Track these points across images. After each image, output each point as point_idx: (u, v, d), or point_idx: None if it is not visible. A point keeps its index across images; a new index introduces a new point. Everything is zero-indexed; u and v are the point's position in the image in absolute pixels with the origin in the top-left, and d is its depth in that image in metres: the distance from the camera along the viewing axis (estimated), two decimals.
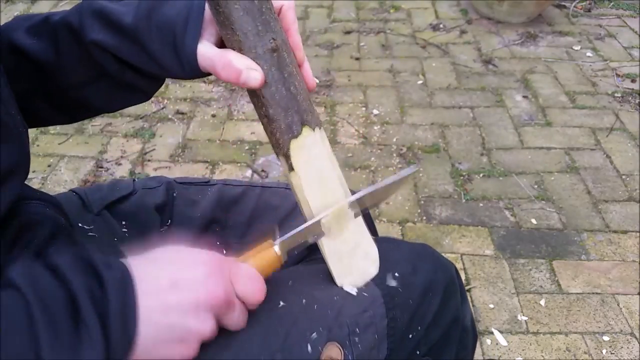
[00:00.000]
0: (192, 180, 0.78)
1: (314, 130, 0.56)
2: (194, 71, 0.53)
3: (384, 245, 0.64)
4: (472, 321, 0.75)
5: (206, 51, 0.51)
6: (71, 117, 0.66)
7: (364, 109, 2.16)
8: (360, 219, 0.61)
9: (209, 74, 0.54)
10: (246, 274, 0.50)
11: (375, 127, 2.06)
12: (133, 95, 0.62)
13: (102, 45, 0.54)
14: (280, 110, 0.54)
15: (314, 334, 0.56)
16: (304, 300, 0.59)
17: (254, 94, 0.54)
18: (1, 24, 0.62)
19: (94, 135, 2.03)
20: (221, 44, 0.53)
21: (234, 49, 0.51)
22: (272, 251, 0.55)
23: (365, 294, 0.61)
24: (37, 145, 1.97)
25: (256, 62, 0.51)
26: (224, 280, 0.48)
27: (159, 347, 0.44)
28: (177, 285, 0.45)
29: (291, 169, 0.56)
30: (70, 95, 0.61)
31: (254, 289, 0.50)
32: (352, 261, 0.61)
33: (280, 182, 0.82)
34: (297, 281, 0.62)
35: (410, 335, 0.61)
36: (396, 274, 0.63)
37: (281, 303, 0.58)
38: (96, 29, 0.54)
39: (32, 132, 2.03)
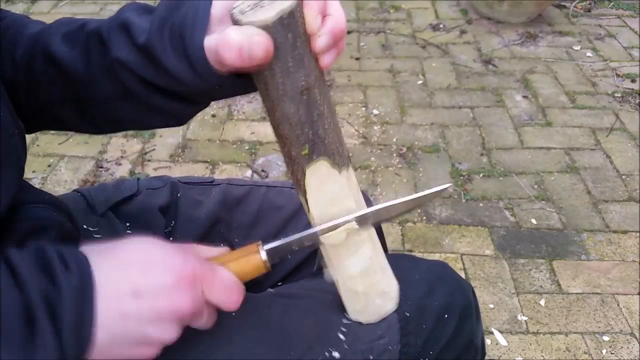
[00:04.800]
0: (196, 180, 0.77)
1: (340, 172, 0.52)
2: (207, 72, 0.49)
3: (402, 263, 0.63)
4: (483, 339, 0.74)
5: (210, 42, 0.47)
6: (99, 129, 0.63)
7: (364, 109, 2.16)
8: (380, 249, 0.58)
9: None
10: (222, 282, 0.48)
11: (375, 127, 2.06)
12: (162, 118, 0.58)
13: (124, 65, 0.52)
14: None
15: None
16: (319, 325, 0.58)
17: (278, 133, 0.49)
18: (44, 25, 0.60)
19: (94, 135, 2.02)
20: None
21: (258, 84, 0.47)
22: (257, 257, 0.51)
23: (382, 319, 0.60)
24: (37, 145, 1.97)
25: (280, 103, 0.47)
26: (192, 290, 0.45)
27: (115, 350, 0.43)
28: (139, 293, 0.43)
29: (309, 211, 0.53)
30: (100, 108, 0.58)
31: (228, 300, 0.48)
32: (368, 300, 0.58)
33: (285, 181, 0.81)
34: (316, 301, 0.62)
35: None
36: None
37: (296, 323, 0.58)
38: (121, 45, 0.52)
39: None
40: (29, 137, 2.06)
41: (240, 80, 0.51)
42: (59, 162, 1.90)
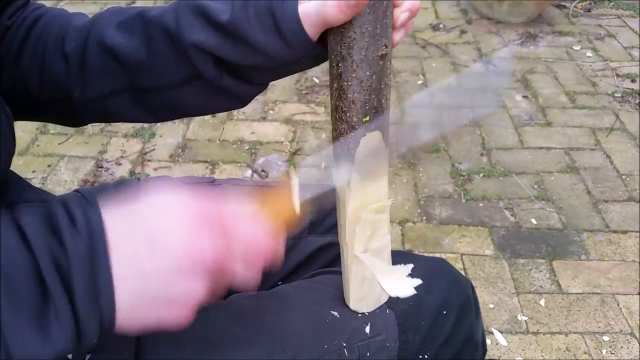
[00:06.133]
0: (197, 180, 0.76)
1: (386, 148, 0.54)
2: (301, 41, 0.50)
3: (399, 260, 0.62)
4: (483, 335, 0.74)
5: (306, 8, 0.49)
6: (156, 117, 0.63)
7: None
8: (389, 243, 0.59)
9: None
10: (248, 225, 0.42)
11: None
12: (226, 101, 0.59)
13: (202, 47, 0.52)
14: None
15: (323, 358, 0.55)
16: (314, 321, 0.58)
17: (343, 97, 0.51)
18: (90, 17, 0.59)
19: (94, 135, 2.03)
20: None
21: (341, 46, 0.49)
22: (292, 208, 0.48)
23: (378, 316, 0.60)
24: (37, 145, 1.97)
25: (360, 66, 0.49)
26: (213, 237, 0.40)
27: (143, 313, 0.40)
28: (154, 247, 0.38)
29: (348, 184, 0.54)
30: (159, 96, 0.58)
31: (259, 247, 0.42)
32: (372, 287, 0.59)
33: None
34: (309, 299, 0.61)
35: (421, 356, 0.61)
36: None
37: (289, 322, 0.57)
38: (197, 29, 0.52)
39: (32, 132, 2.03)
40: (28, 137, 2.06)
41: (323, 50, 0.53)
42: (59, 162, 1.90)
